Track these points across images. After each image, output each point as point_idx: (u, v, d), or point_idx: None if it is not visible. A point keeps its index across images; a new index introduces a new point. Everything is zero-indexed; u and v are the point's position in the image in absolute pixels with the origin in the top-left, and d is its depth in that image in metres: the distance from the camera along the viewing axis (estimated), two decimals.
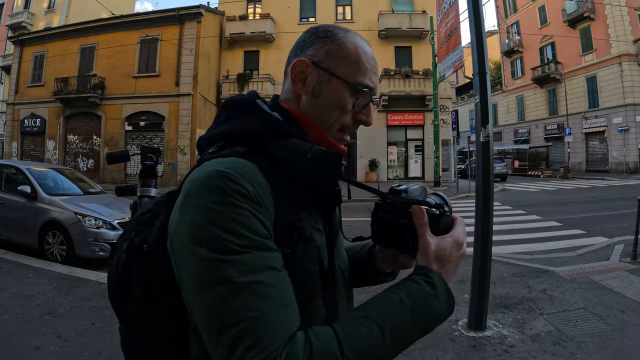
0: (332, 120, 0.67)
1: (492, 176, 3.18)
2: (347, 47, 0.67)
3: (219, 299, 0.48)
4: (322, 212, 0.67)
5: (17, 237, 5.43)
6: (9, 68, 22.51)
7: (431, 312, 0.57)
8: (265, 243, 0.52)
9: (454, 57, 10.62)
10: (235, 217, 0.51)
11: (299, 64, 0.67)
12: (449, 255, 0.61)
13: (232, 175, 0.53)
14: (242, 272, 0.49)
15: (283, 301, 0.51)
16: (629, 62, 21.33)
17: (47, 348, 2.73)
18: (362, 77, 0.67)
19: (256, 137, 0.61)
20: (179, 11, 17.55)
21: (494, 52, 32.41)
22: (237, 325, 0.47)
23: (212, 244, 0.50)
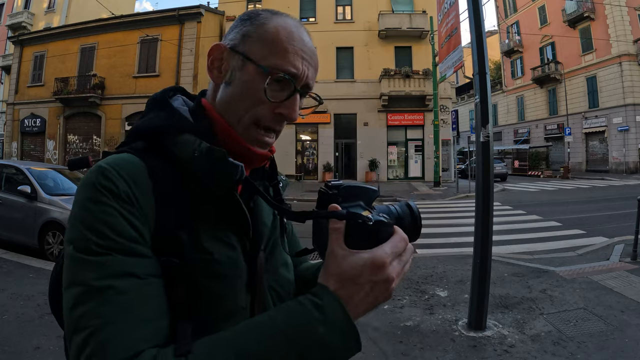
0: (242, 111, 0.58)
1: (492, 176, 3.18)
2: (266, 27, 0.58)
3: (72, 300, 0.45)
4: (234, 224, 0.57)
5: (17, 237, 5.43)
6: (9, 68, 22.52)
7: (315, 343, 0.44)
8: (129, 247, 0.47)
9: (454, 57, 10.63)
10: (101, 216, 0.47)
11: (214, 49, 0.60)
12: (357, 277, 0.47)
13: (107, 171, 0.49)
14: (98, 276, 0.45)
15: (135, 313, 0.44)
16: (629, 62, 21.34)
17: (47, 348, 2.73)
18: (277, 59, 0.56)
19: (155, 133, 0.56)
20: (179, 11, 17.57)
21: (494, 52, 32.42)
22: (82, 332, 0.43)
23: (76, 243, 0.47)
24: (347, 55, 19.58)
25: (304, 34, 0.61)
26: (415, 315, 3.40)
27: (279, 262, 0.65)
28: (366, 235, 0.49)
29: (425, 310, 3.54)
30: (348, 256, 0.48)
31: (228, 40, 0.60)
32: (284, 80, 0.57)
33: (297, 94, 0.58)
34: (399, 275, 0.51)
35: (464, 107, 34.39)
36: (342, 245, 0.49)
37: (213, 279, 0.53)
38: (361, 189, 0.54)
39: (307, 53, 0.59)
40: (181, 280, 0.50)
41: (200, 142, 0.54)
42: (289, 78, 0.57)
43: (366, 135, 19.01)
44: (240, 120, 0.58)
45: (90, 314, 0.43)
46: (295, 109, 0.59)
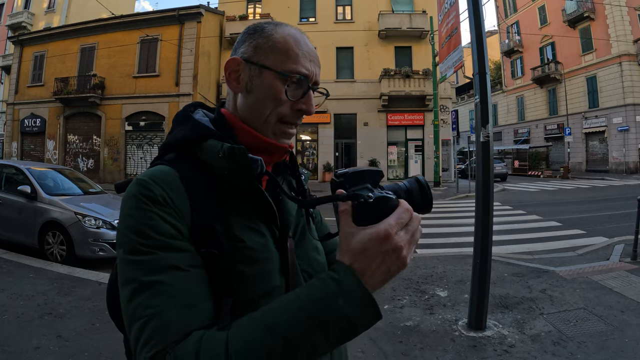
0: (267, 113, 0.66)
1: (492, 176, 3.18)
2: (275, 38, 0.66)
3: (127, 296, 0.52)
4: (262, 214, 0.64)
5: (17, 237, 5.43)
6: (9, 68, 22.51)
7: (336, 314, 0.48)
8: (170, 243, 0.54)
9: (455, 57, 10.63)
10: (143, 220, 0.54)
11: (230, 63, 0.68)
12: (365, 250, 0.51)
13: (144, 182, 0.57)
14: (145, 272, 0.52)
15: (182, 301, 0.51)
16: (629, 62, 21.34)
17: (47, 348, 2.74)
18: (292, 64, 0.65)
19: (183, 143, 0.64)
20: (179, 11, 17.55)
21: (494, 52, 32.43)
22: (138, 321, 0.50)
23: (126, 246, 0.55)
24: (347, 55, 19.58)
25: (306, 40, 0.70)
26: (415, 315, 3.40)
27: (309, 247, 0.72)
28: (370, 212, 0.53)
29: (425, 310, 3.54)
30: (356, 233, 0.53)
31: (240, 54, 0.69)
32: (299, 81, 0.66)
33: (310, 91, 0.68)
34: (410, 243, 0.54)
35: (464, 107, 34.39)
36: (350, 224, 0.54)
37: (247, 264, 0.59)
38: (365, 173, 0.58)
39: (313, 55, 0.69)
40: (221, 267, 0.57)
41: (223, 144, 0.61)
42: (304, 78, 0.66)
43: (366, 135, 19.00)
44: (266, 120, 0.66)
45: (143, 305, 0.50)
46: (312, 104, 0.68)
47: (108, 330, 3.04)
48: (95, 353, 2.70)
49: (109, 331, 3.02)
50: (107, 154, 18.09)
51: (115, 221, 5.16)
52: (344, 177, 0.58)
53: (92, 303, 3.58)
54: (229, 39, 19.95)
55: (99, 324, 3.15)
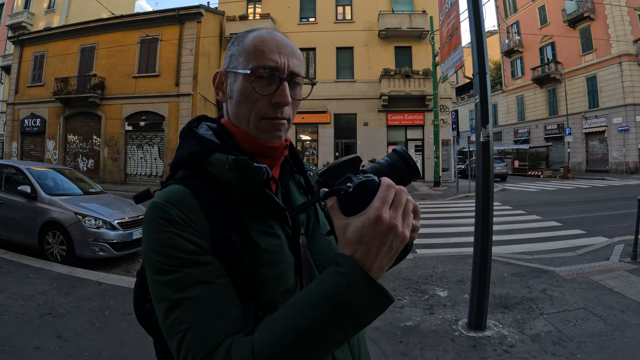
0: (248, 114, 0.68)
1: (492, 176, 3.18)
2: (244, 43, 0.69)
3: (163, 314, 0.56)
4: (274, 216, 0.67)
5: (17, 237, 5.43)
6: (9, 68, 22.51)
7: (346, 307, 0.50)
8: (193, 259, 0.57)
9: (455, 57, 10.63)
10: (164, 242, 0.58)
11: (215, 76, 0.72)
12: (361, 237, 0.52)
13: (160, 205, 0.60)
14: (175, 290, 0.56)
15: (212, 312, 0.55)
16: (629, 62, 21.33)
17: (47, 348, 2.74)
18: (256, 61, 0.67)
19: (191, 160, 0.67)
20: (179, 11, 17.55)
21: (494, 52, 32.42)
22: (176, 336, 0.55)
23: (152, 267, 0.58)
24: (347, 55, 19.57)
25: (277, 36, 0.70)
26: (415, 315, 3.41)
27: (322, 243, 0.74)
28: (354, 200, 0.54)
29: (425, 310, 3.54)
30: (348, 224, 0.54)
31: (224, 67, 0.73)
32: (269, 75, 0.67)
33: (284, 82, 0.68)
34: (405, 217, 0.54)
35: (464, 107, 34.38)
36: (340, 216, 0.55)
37: (266, 266, 0.62)
38: (343, 164, 0.59)
39: (283, 46, 0.69)
40: (243, 272, 0.60)
41: (228, 157, 0.64)
42: (271, 71, 0.67)
43: (366, 135, 19.00)
44: (249, 121, 0.69)
45: (177, 322, 0.55)
46: (285, 94, 0.67)
47: (108, 330, 3.05)
48: (95, 353, 2.70)
49: (109, 331, 3.02)
50: (107, 154, 18.09)
51: (115, 221, 5.17)
52: (325, 174, 0.59)
53: (92, 303, 3.58)
54: (229, 39, 19.94)
55: (99, 324, 3.14)
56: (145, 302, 0.70)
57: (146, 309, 0.70)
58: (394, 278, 4.31)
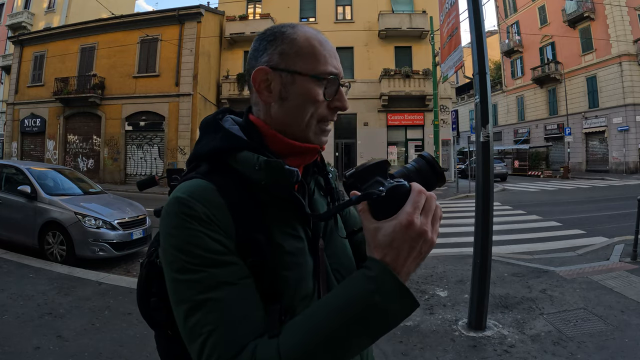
0: (307, 117, 0.67)
1: (492, 176, 3.18)
2: (299, 42, 0.67)
3: (183, 315, 0.55)
4: (299, 218, 0.66)
5: (17, 237, 5.42)
6: (9, 68, 22.50)
7: (375, 311, 0.51)
8: (218, 260, 0.55)
9: (455, 57, 10.62)
10: (188, 239, 0.55)
11: (258, 73, 0.67)
12: (393, 242, 0.53)
13: (184, 200, 0.57)
14: (198, 291, 0.54)
15: (236, 315, 0.54)
16: (629, 62, 21.33)
17: (47, 348, 2.73)
18: (323, 66, 0.66)
19: (216, 154, 0.65)
20: (179, 11, 17.54)
21: (494, 52, 32.41)
22: (198, 339, 0.53)
23: (173, 265, 0.56)
24: (347, 55, 19.55)
25: (325, 38, 0.71)
26: (415, 315, 3.40)
27: (338, 245, 0.74)
28: (386, 205, 0.55)
29: (425, 310, 3.54)
30: (379, 228, 0.55)
31: (265, 62, 0.67)
32: (331, 80, 0.67)
33: (341, 88, 0.70)
34: (433, 223, 0.57)
35: (464, 107, 34.37)
36: (371, 220, 0.56)
37: (288, 269, 0.61)
38: (371, 167, 0.60)
39: (335, 53, 0.70)
40: (266, 274, 0.59)
41: (258, 157, 0.62)
42: (335, 77, 0.68)
43: (366, 135, 18.99)
44: (308, 123, 0.67)
45: (200, 324, 0.53)
46: (345, 99, 0.71)
47: (108, 330, 3.05)
48: (95, 353, 2.70)
49: (109, 331, 3.02)
50: (107, 154, 18.08)
51: (115, 221, 5.16)
52: (353, 177, 0.60)
53: (92, 303, 3.58)
54: (229, 39, 19.96)
55: (99, 324, 3.14)
56: (150, 297, 0.68)
57: (151, 304, 0.68)
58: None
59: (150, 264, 0.69)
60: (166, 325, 0.67)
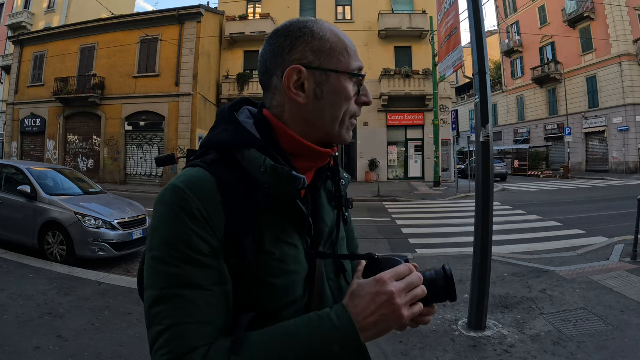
0: (341, 114, 0.66)
1: (492, 176, 3.18)
2: (330, 39, 0.65)
3: (150, 300, 0.56)
4: (297, 225, 0.65)
5: (17, 237, 5.42)
6: (9, 68, 22.50)
7: (328, 356, 0.54)
8: (199, 260, 0.56)
9: (454, 57, 10.62)
10: (176, 234, 0.56)
11: (292, 72, 0.63)
12: (361, 290, 0.58)
13: (181, 190, 0.57)
14: (171, 284, 0.55)
15: (200, 318, 0.54)
16: (629, 62, 21.32)
17: (47, 348, 2.73)
18: (355, 62, 0.67)
19: (225, 146, 0.64)
20: (179, 11, 17.54)
21: (494, 52, 32.41)
22: (157, 326, 0.54)
23: (155, 253, 0.57)
24: None
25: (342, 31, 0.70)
26: None
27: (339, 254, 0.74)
28: (375, 267, 0.62)
29: None
30: (359, 282, 0.60)
31: (294, 61, 0.64)
32: (362, 76, 0.67)
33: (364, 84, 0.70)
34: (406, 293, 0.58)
35: (464, 107, 34.37)
36: (359, 277, 0.62)
37: (276, 276, 0.60)
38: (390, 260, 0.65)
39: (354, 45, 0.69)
40: (249, 277, 0.59)
41: (265, 159, 0.61)
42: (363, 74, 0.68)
43: (366, 135, 18.99)
44: (342, 120, 0.66)
45: (163, 314, 0.54)
46: (370, 94, 0.70)
47: (108, 330, 3.05)
48: (95, 353, 2.70)
49: (109, 331, 3.02)
50: (107, 154, 18.09)
51: (115, 221, 5.17)
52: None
53: (92, 303, 3.58)
54: (229, 39, 19.97)
55: (99, 324, 3.14)
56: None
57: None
58: None
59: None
60: None
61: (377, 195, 12.56)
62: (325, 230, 0.70)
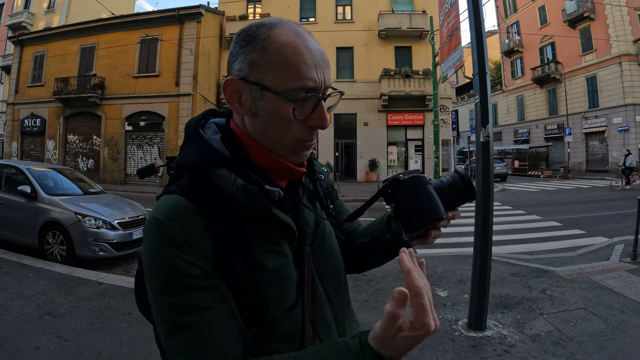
0: (279, 136, 0.62)
1: (492, 176, 3.18)
2: (270, 51, 0.58)
3: (164, 333, 0.56)
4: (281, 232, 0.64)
5: (17, 237, 5.42)
6: (9, 68, 22.49)
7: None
8: (195, 284, 0.55)
9: (455, 57, 10.62)
10: (166, 263, 0.56)
11: (228, 84, 0.62)
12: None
13: (161, 223, 0.57)
14: (176, 313, 0.55)
15: (212, 338, 0.54)
16: (629, 62, 21.33)
17: (47, 348, 2.73)
18: (295, 82, 0.58)
19: (194, 168, 0.62)
20: (179, 11, 17.53)
21: (494, 52, 32.41)
22: (178, 357, 0.55)
23: (153, 287, 0.57)
24: (347, 55, 19.56)
25: (307, 41, 0.61)
26: None
27: (326, 252, 0.72)
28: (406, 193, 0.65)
29: None
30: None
31: (236, 71, 0.62)
32: (307, 97, 0.59)
33: (322, 103, 0.61)
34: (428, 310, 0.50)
35: (464, 107, 34.38)
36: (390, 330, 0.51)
37: (269, 286, 0.60)
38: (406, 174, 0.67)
39: (317, 58, 0.60)
40: (245, 292, 0.59)
41: (235, 178, 0.60)
42: (312, 94, 0.59)
43: (366, 135, 18.99)
44: (280, 142, 0.62)
45: (179, 344, 0.55)
46: (324, 117, 0.62)
47: (108, 330, 3.05)
48: (95, 353, 2.70)
49: (109, 331, 3.02)
50: (107, 154, 18.09)
51: (115, 221, 5.17)
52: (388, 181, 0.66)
53: (92, 303, 3.57)
54: (228, 39, 19.94)
55: (99, 324, 3.14)
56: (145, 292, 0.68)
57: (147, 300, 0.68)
58: (394, 278, 4.31)
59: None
60: None
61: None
62: (309, 232, 0.69)
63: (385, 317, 0.48)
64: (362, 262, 0.85)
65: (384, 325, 0.48)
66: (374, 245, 0.79)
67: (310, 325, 0.65)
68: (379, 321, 0.50)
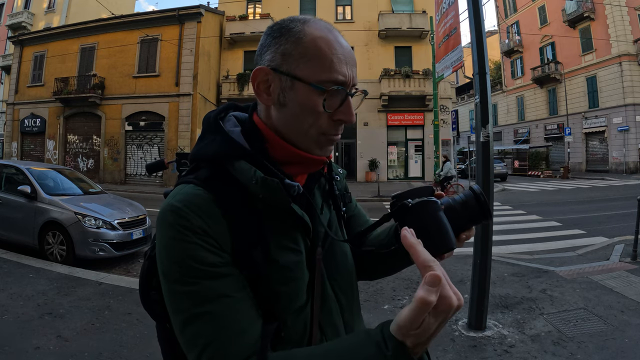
0: (306, 127, 0.62)
1: (492, 176, 3.18)
2: (304, 43, 0.60)
3: (180, 326, 0.54)
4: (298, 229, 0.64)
5: (17, 237, 5.42)
6: (9, 68, 22.49)
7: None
8: (214, 272, 0.54)
9: (454, 57, 10.61)
10: (184, 252, 0.54)
11: (258, 73, 0.62)
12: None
13: (181, 211, 0.56)
14: (194, 303, 0.53)
15: (232, 328, 0.53)
16: (629, 62, 21.33)
17: (47, 348, 2.73)
18: (327, 74, 0.60)
19: (213, 159, 0.62)
20: (179, 11, 17.54)
21: (494, 52, 32.42)
22: (194, 350, 0.53)
23: (169, 277, 0.55)
24: None
25: (339, 37, 0.63)
26: None
27: (338, 252, 0.71)
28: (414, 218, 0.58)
29: None
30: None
31: (267, 62, 0.62)
32: (335, 91, 0.60)
33: (349, 99, 0.63)
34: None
35: (464, 107, 34.37)
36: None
37: (283, 283, 0.60)
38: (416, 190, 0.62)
39: (348, 56, 0.63)
40: (261, 288, 0.58)
41: (255, 171, 0.59)
42: (341, 87, 0.60)
43: (366, 135, 18.99)
44: (306, 134, 0.62)
45: (196, 336, 0.53)
46: (351, 112, 0.63)
47: (108, 330, 3.05)
48: (95, 353, 2.70)
49: (109, 331, 3.02)
50: (107, 154, 18.09)
51: (115, 221, 5.16)
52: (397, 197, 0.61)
53: (92, 303, 3.57)
54: (228, 39, 19.96)
55: (99, 324, 3.14)
56: (152, 290, 0.68)
57: (152, 296, 0.68)
58: (394, 278, 4.31)
59: (151, 258, 0.68)
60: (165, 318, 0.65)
61: (377, 195, 12.56)
62: (322, 231, 0.69)
63: (416, 304, 0.43)
64: (370, 269, 0.83)
65: (413, 312, 0.44)
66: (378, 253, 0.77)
67: (317, 328, 0.64)
68: (404, 308, 0.45)
